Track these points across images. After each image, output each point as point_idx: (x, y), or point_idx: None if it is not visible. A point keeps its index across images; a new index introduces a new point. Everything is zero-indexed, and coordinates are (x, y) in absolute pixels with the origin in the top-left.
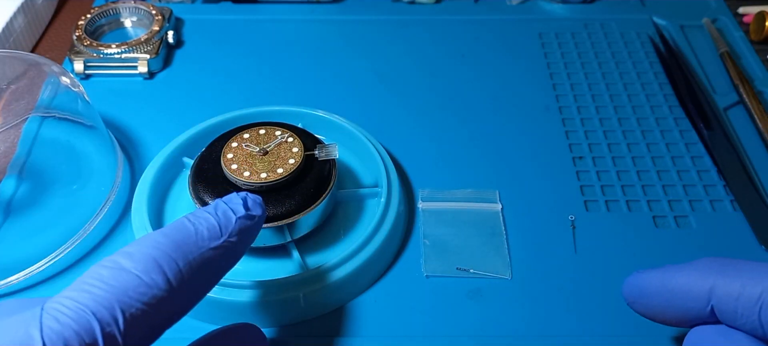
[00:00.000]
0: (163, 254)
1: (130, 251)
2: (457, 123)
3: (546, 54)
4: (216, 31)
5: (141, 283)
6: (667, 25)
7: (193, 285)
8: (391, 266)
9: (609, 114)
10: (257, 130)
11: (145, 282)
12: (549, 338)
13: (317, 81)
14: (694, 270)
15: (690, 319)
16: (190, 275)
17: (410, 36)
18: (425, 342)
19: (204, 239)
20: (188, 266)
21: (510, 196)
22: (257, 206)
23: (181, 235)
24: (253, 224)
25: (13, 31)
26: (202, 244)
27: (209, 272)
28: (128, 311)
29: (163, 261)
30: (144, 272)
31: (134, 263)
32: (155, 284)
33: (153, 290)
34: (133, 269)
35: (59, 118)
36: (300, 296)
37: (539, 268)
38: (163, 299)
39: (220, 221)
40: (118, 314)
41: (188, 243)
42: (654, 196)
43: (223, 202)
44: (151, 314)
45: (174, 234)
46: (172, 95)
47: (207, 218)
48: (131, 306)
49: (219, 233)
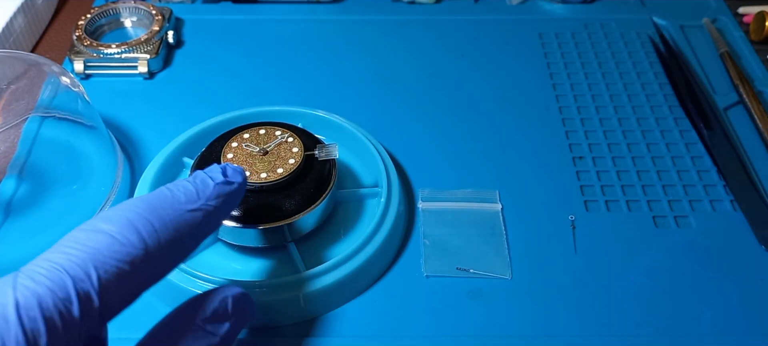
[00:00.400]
0: (138, 215)
1: (108, 215)
2: (457, 123)
3: (546, 54)
4: (216, 31)
5: (115, 242)
6: (667, 25)
7: (170, 246)
8: (391, 266)
9: (609, 114)
10: (257, 130)
11: (119, 241)
12: (549, 338)
13: (317, 81)
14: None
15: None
16: (167, 236)
17: (410, 36)
18: (425, 342)
19: (181, 203)
20: (164, 226)
21: (510, 196)
22: (237, 174)
23: (158, 199)
24: (232, 190)
25: (13, 31)
26: (179, 207)
27: (187, 234)
28: (102, 268)
29: (138, 222)
30: (118, 232)
31: (110, 225)
32: (129, 242)
33: (127, 248)
34: (107, 230)
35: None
36: (300, 296)
37: (539, 268)
38: (138, 256)
39: (198, 186)
40: (92, 271)
41: (164, 206)
42: (654, 196)
43: (203, 171)
44: (128, 272)
45: (151, 198)
46: (172, 95)
47: (185, 184)
48: (105, 263)
49: (196, 196)
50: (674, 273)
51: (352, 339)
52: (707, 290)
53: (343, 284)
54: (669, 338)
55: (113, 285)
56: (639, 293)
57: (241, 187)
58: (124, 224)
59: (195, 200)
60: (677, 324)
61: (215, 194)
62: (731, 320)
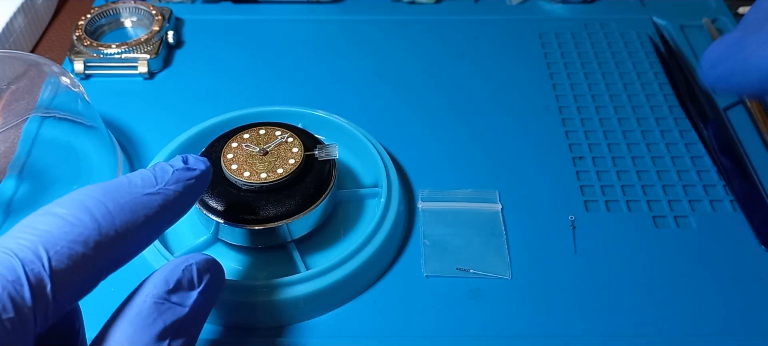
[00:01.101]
0: (91, 198)
1: (61, 200)
2: (457, 123)
3: (546, 54)
4: (216, 31)
5: (65, 223)
6: (667, 25)
7: (127, 229)
8: (391, 266)
9: (609, 114)
10: (257, 131)
11: (70, 222)
12: (549, 338)
13: (317, 81)
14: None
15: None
16: (122, 217)
17: (410, 36)
18: (425, 342)
19: (137, 187)
20: (119, 208)
21: (510, 196)
22: (200, 162)
23: (114, 184)
24: (194, 176)
25: (13, 31)
26: (135, 191)
27: (145, 217)
28: (53, 249)
29: (90, 203)
30: (69, 213)
31: (61, 208)
32: (81, 222)
33: (78, 228)
34: (58, 213)
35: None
36: (300, 296)
37: (539, 268)
38: (91, 237)
39: (157, 173)
40: (42, 252)
41: (120, 190)
42: (654, 196)
43: (163, 162)
44: (81, 253)
45: (107, 184)
46: (172, 95)
47: (143, 171)
48: (55, 245)
49: (154, 181)
50: (674, 273)
51: (352, 339)
52: (707, 290)
53: (343, 284)
54: (669, 337)
55: (66, 266)
56: (639, 293)
57: (204, 174)
58: (76, 206)
59: (153, 185)
60: (677, 324)
61: (174, 179)
62: (731, 320)
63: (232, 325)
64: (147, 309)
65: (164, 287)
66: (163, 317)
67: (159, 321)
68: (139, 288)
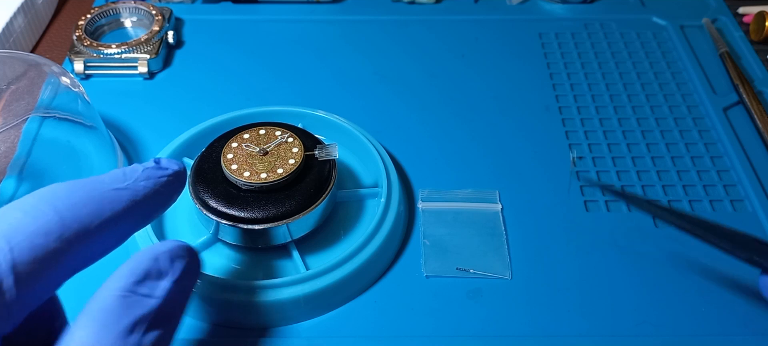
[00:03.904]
0: (54, 193)
1: (25, 197)
2: (457, 123)
3: (546, 54)
4: (216, 31)
5: (26, 215)
6: (667, 25)
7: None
8: (391, 266)
9: (609, 114)
10: (257, 131)
11: (31, 214)
12: (549, 338)
13: (317, 81)
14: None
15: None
16: (87, 210)
17: (410, 36)
18: (425, 342)
19: (104, 182)
20: (83, 202)
21: (510, 196)
22: (173, 163)
23: (81, 181)
24: (166, 175)
25: (13, 31)
26: (102, 186)
27: (112, 212)
28: (14, 240)
29: (53, 197)
30: (31, 206)
31: (23, 203)
32: (42, 214)
33: (39, 220)
34: (20, 207)
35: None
36: (300, 296)
37: (539, 268)
38: (53, 229)
39: (126, 171)
40: (3, 244)
41: (85, 185)
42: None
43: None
44: (43, 246)
45: (73, 182)
46: (172, 95)
47: (113, 170)
48: (16, 236)
49: (122, 177)
50: (674, 273)
51: (352, 339)
52: (707, 290)
53: (343, 284)
54: (669, 337)
55: (29, 259)
56: (639, 293)
57: (177, 175)
58: (38, 200)
59: (121, 181)
60: (677, 324)
61: (144, 176)
62: (731, 320)
63: (232, 325)
64: (111, 304)
65: (130, 279)
66: (130, 311)
67: (126, 316)
68: (104, 284)
